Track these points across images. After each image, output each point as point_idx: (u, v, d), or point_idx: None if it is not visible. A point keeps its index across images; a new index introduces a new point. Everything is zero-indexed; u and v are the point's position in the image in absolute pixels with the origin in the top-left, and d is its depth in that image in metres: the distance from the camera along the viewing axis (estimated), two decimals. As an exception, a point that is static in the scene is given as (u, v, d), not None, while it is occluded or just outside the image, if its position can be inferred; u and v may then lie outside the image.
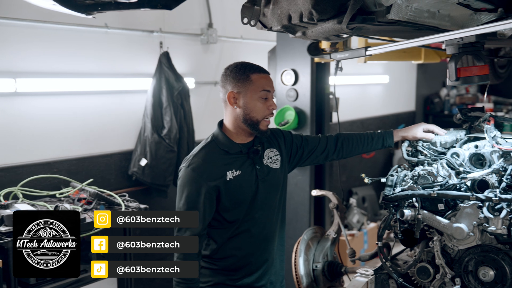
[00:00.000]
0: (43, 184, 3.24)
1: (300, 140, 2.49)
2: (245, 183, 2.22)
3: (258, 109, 2.20)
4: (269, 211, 2.31)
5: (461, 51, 2.18)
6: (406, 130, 2.55)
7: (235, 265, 2.27)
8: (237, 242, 2.25)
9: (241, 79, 2.20)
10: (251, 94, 2.19)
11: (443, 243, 2.29)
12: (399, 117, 7.36)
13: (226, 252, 2.26)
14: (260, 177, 2.26)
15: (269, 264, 2.36)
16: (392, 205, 2.35)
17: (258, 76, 2.21)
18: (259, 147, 2.29)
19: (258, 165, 2.27)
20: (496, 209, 2.12)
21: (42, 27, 3.26)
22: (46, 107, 3.34)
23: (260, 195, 2.26)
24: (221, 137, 2.25)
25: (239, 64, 2.26)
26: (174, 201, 4.08)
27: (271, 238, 2.34)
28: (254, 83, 2.19)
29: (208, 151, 2.21)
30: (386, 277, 2.47)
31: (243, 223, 2.24)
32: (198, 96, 4.26)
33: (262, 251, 2.32)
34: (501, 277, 2.13)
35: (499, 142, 2.33)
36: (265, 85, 2.21)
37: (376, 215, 6.51)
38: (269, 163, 2.32)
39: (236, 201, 2.20)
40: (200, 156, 2.19)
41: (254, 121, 2.21)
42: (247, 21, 2.17)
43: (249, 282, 2.30)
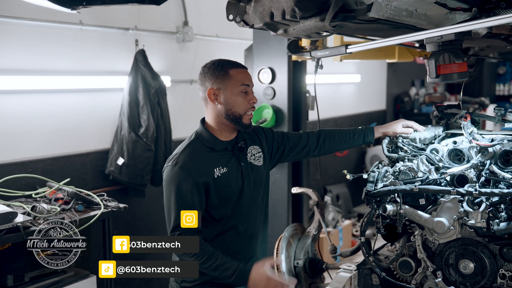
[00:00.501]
0: (18, 184, 3.17)
1: (281, 136, 2.50)
2: (232, 180, 2.22)
3: (239, 104, 2.21)
4: (253, 208, 2.32)
5: (441, 49, 2.23)
6: (386, 126, 2.60)
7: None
8: (224, 240, 2.25)
9: (220, 75, 2.20)
10: (231, 89, 2.20)
11: (424, 237, 2.33)
12: (370, 115, 7.46)
13: (215, 247, 2.23)
14: (245, 174, 2.27)
15: (254, 261, 2.36)
16: (374, 201, 2.38)
17: (236, 71, 2.22)
18: (243, 144, 2.30)
19: (243, 162, 2.28)
20: (475, 203, 2.17)
21: (15, 23, 3.18)
22: (20, 105, 3.27)
23: (246, 192, 2.26)
24: (205, 134, 2.25)
25: (216, 61, 2.26)
26: (151, 200, 4.08)
27: (255, 235, 2.36)
28: (233, 78, 2.20)
29: (194, 149, 2.20)
30: (368, 272, 2.50)
31: (230, 220, 2.24)
32: (174, 94, 4.23)
33: (248, 248, 2.33)
34: (481, 269, 2.19)
35: (476, 138, 2.38)
36: (244, 79, 2.22)
37: (350, 212, 6.59)
38: (252, 160, 2.33)
39: (223, 198, 2.20)
40: (186, 153, 2.18)
41: (237, 115, 2.21)
42: (232, 17, 2.17)
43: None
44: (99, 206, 2.97)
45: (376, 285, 2.50)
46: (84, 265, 3.14)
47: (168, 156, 3.83)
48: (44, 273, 2.76)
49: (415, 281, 2.32)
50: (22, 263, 2.67)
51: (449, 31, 2.13)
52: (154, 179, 3.88)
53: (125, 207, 3.03)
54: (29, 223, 2.61)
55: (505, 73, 9.61)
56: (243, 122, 2.22)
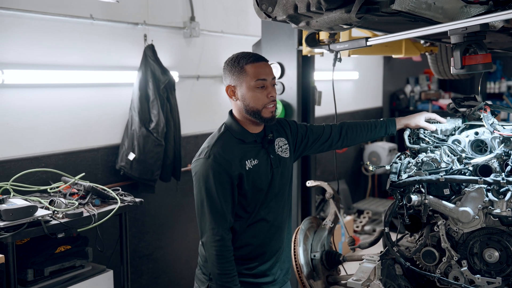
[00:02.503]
0: (31, 179, 3.14)
1: (304, 129, 2.52)
2: (262, 172, 2.23)
3: (256, 99, 2.20)
4: (281, 200, 2.34)
5: (466, 40, 2.25)
6: (408, 118, 2.62)
7: (251, 254, 2.29)
8: (253, 231, 2.27)
9: (236, 71, 2.21)
10: (246, 85, 2.20)
11: (447, 227, 2.36)
12: (367, 112, 7.51)
13: (243, 241, 2.26)
14: (274, 166, 2.28)
15: (281, 252, 2.40)
16: (398, 191, 2.40)
17: (252, 65, 2.21)
18: (272, 137, 2.31)
19: (272, 154, 2.29)
20: (500, 193, 2.20)
21: (26, 16, 3.15)
22: (31, 99, 3.23)
23: (275, 184, 2.28)
24: (235, 126, 2.26)
25: (235, 56, 2.26)
26: (160, 196, 4.07)
27: (283, 226, 2.38)
28: (248, 74, 2.20)
29: (225, 141, 2.21)
30: (391, 262, 2.52)
31: (260, 212, 2.26)
32: (181, 90, 4.22)
33: (276, 240, 2.34)
34: (506, 257, 2.21)
35: (498, 128, 2.41)
36: (259, 74, 2.20)
37: (350, 208, 6.62)
38: (280, 152, 2.34)
39: (255, 189, 2.21)
40: (218, 146, 2.18)
41: (255, 110, 2.21)
42: (265, 7, 2.17)
43: (263, 270, 2.32)
44: (115, 201, 2.96)
45: (399, 275, 2.53)
46: (101, 260, 3.13)
47: (177, 152, 3.85)
48: (63, 268, 2.74)
49: (440, 271, 2.34)
50: (42, 257, 2.64)
51: (474, 22, 2.15)
52: (164, 175, 3.86)
53: (141, 201, 3.01)
54: (49, 217, 2.59)
55: (496, 71, 9.72)
56: (263, 116, 2.22)
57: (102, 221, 2.76)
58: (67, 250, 2.78)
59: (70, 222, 2.64)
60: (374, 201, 7.14)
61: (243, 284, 2.28)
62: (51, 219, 2.60)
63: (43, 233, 2.51)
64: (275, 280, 2.37)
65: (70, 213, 2.66)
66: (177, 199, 4.30)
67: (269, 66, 2.27)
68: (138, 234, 4.00)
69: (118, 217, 2.99)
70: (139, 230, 4.01)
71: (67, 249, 2.78)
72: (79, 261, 2.82)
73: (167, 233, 4.27)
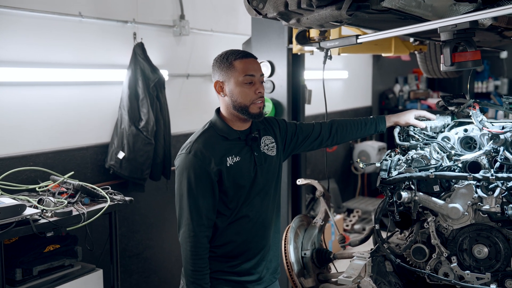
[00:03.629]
0: (20, 178, 3.11)
1: (294, 127, 2.53)
2: (244, 169, 2.24)
3: (244, 95, 2.21)
4: (265, 197, 2.33)
5: (455, 37, 2.26)
6: (398, 115, 2.63)
7: (234, 252, 2.29)
8: (236, 228, 2.27)
9: (225, 67, 2.22)
10: (234, 80, 2.21)
11: (437, 224, 2.37)
12: (357, 112, 7.53)
13: (225, 238, 2.26)
14: (258, 164, 2.28)
15: (266, 250, 2.39)
16: (388, 188, 2.41)
17: (240, 61, 2.22)
18: (257, 134, 2.31)
19: (256, 152, 2.29)
20: (489, 189, 2.21)
21: (13, 13, 3.12)
22: (19, 97, 3.20)
23: (258, 181, 2.28)
24: (219, 123, 2.26)
25: (224, 53, 2.27)
26: (150, 195, 4.05)
27: (268, 224, 2.37)
28: (237, 69, 2.20)
29: (207, 137, 2.22)
30: (382, 259, 2.53)
31: (242, 209, 2.26)
32: (171, 88, 4.20)
33: (260, 237, 2.34)
34: (495, 253, 2.23)
35: (487, 125, 2.43)
36: (248, 69, 2.21)
37: (339, 207, 6.63)
38: (266, 150, 2.34)
39: (236, 186, 2.21)
40: (200, 142, 2.19)
41: (243, 106, 2.22)
42: (256, 4, 2.17)
43: (247, 268, 2.31)
44: (104, 200, 2.93)
45: (389, 271, 2.54)
46: (91, 259, 3.11)
47: (167, 151, 3.84)
48: (52, 267, 2.72)
49: (429, 267, 2.36)
50: (31, 256, 2.62)
51: (463, 19, 2.17)
52: (154, 174, 3.84)
53: (131, 199, 2.99)
54: (38, 216, 2.56)
55: (483, 71, 9.81)
56: (251, 112, 2.23)
57: (92, 220, 2.74)
58: (56, 249, 2.76)
59: (59, 221, 2.62)
60: (363, 200, 7.16)
61: (227, 283, 2.28)
62: (40, 218, 2.57)
63: (32, 232, 2.48)
64: (260, 279, 2.36)
65: (59, 212, 2.64)
66: (167, 198, 4.28)
67: (257, 63, 2.28)
68: (127, 233, 3.98)
69: (108, 216, 2.97)
70: (129, 229, 3.99)
71: (56, 248, 2.76)
72: (68, 260, 2.80)
73: (157, 232, 4.25)
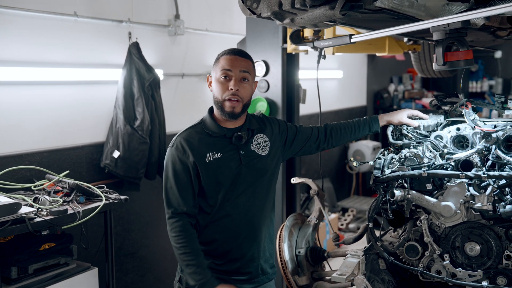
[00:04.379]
0: (15, 177, 3.12)
1: (294, 129, 2.54)
2: (225, 166, 2.24)
3: (218, 89, 2.23)
4: (253, 197, 2.32)
5: (447, 37, 2.28)
6: (391, 115, 2.66)
7: (219, 250, 2.30)
8: (218, 226, 2.28)
9: (215, 62, 2.27)
10: (215, 74, 2.25)
11: (430, 222, 2.40)
12: (352, 111, 7.56)
13: (208, 236, 2.28)
14: (244, 162, 2.27)
15: (257, 251, 2.37)
16: (382, 187, 2.43)
17: (225, 57, 2.25)
18: (244, 133, 2.29)
19: (243, 150, 2.28)
20: (481, 187, 2.24)
21: (8, 13, 3.12)
22: (16, 97, 3.21)
23: (243, 180, 2.27)
24: (208, 120, 2.30)
25: (222, 51, 2.31)
26: (145, 194, 4.06)
27: (256, 224, 2.35)
28: (219, 64, 2.24)
29: (191, 132, 2.27)
30: (375, 257, 2.55)
31: (225, 207, 2.27)
32: (166, 88, 4.21)
33: (246, 238, 2.32)
34: (487, 251, 2.26)
35: (479, 124, 2.46)
36: (225, 64, 2.22)
37: (334, 206, 6.66)
38: (257, 149, 2.33)
39: (215, 183, 2.23)
40: (183, 135, 2.25)
41: (218, 102, 2.24)
42: (250, 3, 2.19)
43: (234, 268, 2.32)
44: (100, 198, 2.95)
45: (383, 269, 2.56)
46: (87, 257, 3.12)
47: (162, 150, 3.85)
48: (47, 265, 2.73)
49: (422, 265, 2.38)
50: (26, 255, 2.63)
51: (456, 19, 2.19)
52: (149, 173, 3.85)
53: (126, 198, 3.00)
54: (33, 215, 2.57)
55: (478, 71, 9.86)
56: (225, 110, 2.23)
57: (87, 219, 2.75)
58: (52, 248, 2.77)
59: (55, 219, 2.62)
60: (358, 199, 7.19)
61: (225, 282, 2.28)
62: (35, 216, 2.58)
63: (27, 230, 2.49)
64: (251, 278, 2.36)
65: (55, 211, 2.65)
66: (162, 197, 4.28)
67: (243, 61, 2.27)
68: (123, 232, 3.99)
69: (103, 215, 2.98)
70: (124, 228, 4.00)
71: (52, 246, 2.76)
72: (63, 258, 2.81)
73: (152, 231, 4.26)
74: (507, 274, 2.20)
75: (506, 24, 2.86)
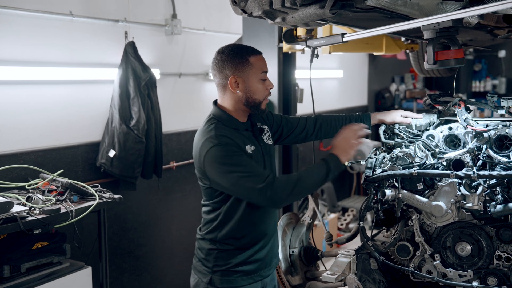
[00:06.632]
0: (10, 176, 3.12)
1: (280, 119, 2.58)
2: (259, 157, 2.31)
3: (260, 91, 2.27)
4: None
5: (438, 36, 2.27)
6: (384, 114, 2.65)
7: (252, 240, 2.32)
8: (254, 217, 2.30)
9: (241, 63, 2.23)
10: (253, 77, 2.24)
11: (421, 221, 2.39)
12: (352, 111, 7.47)
13: (244, 226, 2.29)
14: (265, 153, 2.35)
15: (274, 237, 2.46)
16: (373, 186, 2.43)
17: (255, 58, 2.27)
18: (260, 125, 2.39)
19: (261, 141, 2.36)
20: (472, 187, 2.22)
21: (3, 12, 3.13)
22: (12, 96, 3.21)
23: (267, 169, 2.35)
24: (225, 117, 2.28)
25: (234, 48, 2.29)
26: (142, 193, 4.06)
27: (274, 212, 2.44)
28: (254, 66, 2.24)
29: (222, 129, 2.22)
30: (367, 257, 2.54)
31: None
32: (163, 87, 4.22)
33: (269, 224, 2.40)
34: (478, 251, 2.25)
35: (471, 123, 2.44)
36: (264, 66, 2.29)
37: (334, 206, 6.65)
38: (265, 140, 2.41)
39: None
40: (217, 133, 2.19)
41: (257, 102, 2.27)
42: (236, 3, 2.18)
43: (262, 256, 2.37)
44: (93, 197, 2.95)
45: (374, 269, 2.55)
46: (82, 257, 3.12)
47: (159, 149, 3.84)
48: (40, 264, 2.73)
49: (413, 265, 2.37)
50: (19, 253, 2.63)
51: (446, 18, 2.18)
52: (145, 172, 3.85)
53: (120, 197, 3.01)
54: (26, 213, 2.58)
55: (481, 70, 9.81)
56: (261, 108, 2.30)
57: (80, 218, 2.75)
58: (44, 247, 2.77)
59: (47, 218, 2.63)
60: (359, 199, 7.17)
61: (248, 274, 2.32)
62: (28, 215, 2.59)
63: (19, 229, 2.50)
64: (270, 264, 2.43)
65: (47, 210, 2.65)
66: (158, 197, 4.30)
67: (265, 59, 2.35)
68: (119, 232, 3.99)
69: (97, 214, 2.98)
70: (121, 228, 4.00)
71: (45, 245, 2.77)
72: (56, 257, 2.81)
73: (149, 231, 4.26)
74: (497, 274, 2.19)
75: (502, 23, 2.84)
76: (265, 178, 2.08)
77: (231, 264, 2.28)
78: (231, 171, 2.11)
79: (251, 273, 2.33)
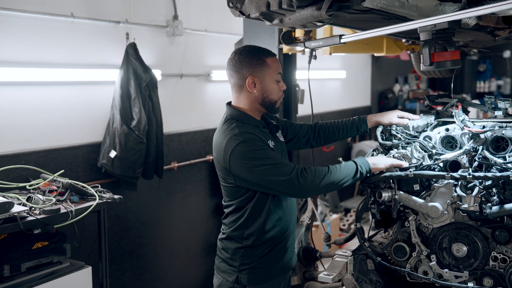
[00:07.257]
0: (11, 176, 3.15)
1: (284, 123, 2.66)
2: (278, 152, 2.36)
3: (275, 91, 2.35)
4: None
5: (434, 37, 2.28)
6: (381, 115, 2.66)
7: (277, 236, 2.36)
8: (278, 212, 2.35)
9: (258, 64, 2.30)
10: (269, 77, 2.32)
11: (418, 222, 2.40)
12: (356, 111, 7.53)
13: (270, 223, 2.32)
14: (281, 149, 2.43)
15: (294, 235, 2.52)
16: (369, 187, 2.44)
17: (272, 59, 2.35)
18: (275, 123, 2.48)
19: (277, 138, 2.43)
20: (468, 188, 2.23)
21: (5, 14, 3.15)
22: (14, 97, 3.24)
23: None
24: (244, 116, 2.34)
25: (251, 49, 2.36)
26: (143, 193, 4.08)
27: (294, 210, 2.49)
28: (270, 67, 2.32)
29: (244, 127, 2.27)
30: (364, 257, 2.55)
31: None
32: (164, 88, 4.24)
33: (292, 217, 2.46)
34: (474, 252, 2.25)
35: (468, 125, 2.45)
36: (278, 68, 2.36)
37: (337, 207, 6.65)
38: (279, 137, 2.49)
39: None
40: (243, 130, 2.24)
41: (272, 102, 2.35)
42: (232, 5, 2.20)
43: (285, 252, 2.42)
44: (93, 198, 2.97)
45: (371, 270, 2.56)
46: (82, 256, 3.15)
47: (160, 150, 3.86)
48: (40, 263, 2.75)
49: (410, 265, 2.38)
50: (19, 253, 2.66)
51: (442, 19, 2.18)
52: (146, 172, 3.88)
53: (119, 198, 3.03)
54: (26, 213, 2.60)
55: (485, 71, 9.79)
56: (276, 107, 2.38)
57: (79, 218, 2.78)
58: (45, 246, 2.79)
59: (47, 218, 2.65)
60: (361, 199, 7.15)
61: (280, 271, 2.39)
62: (28, 215, 2.61)
63: (19, 229, 2.52)
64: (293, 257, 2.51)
65: (47, 210, 2.68)
66: (159, 197, 4.32)
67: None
68: (120, 232, 4.02)
69: (97, 214, 3.00)
70: (122, 228, 4.03)
71: (45, 245, 2.79)
72: (56, 257, 2.83)
73: (150, 231, 4.28)
74: (493, 276, 2.20)
75: (502, 24, 2.84)
76: (293, 168, 2.16)
77: (258, 261, 2.33)
78: (259, 165, 2.17)
79: (276, 269, 2.37)
